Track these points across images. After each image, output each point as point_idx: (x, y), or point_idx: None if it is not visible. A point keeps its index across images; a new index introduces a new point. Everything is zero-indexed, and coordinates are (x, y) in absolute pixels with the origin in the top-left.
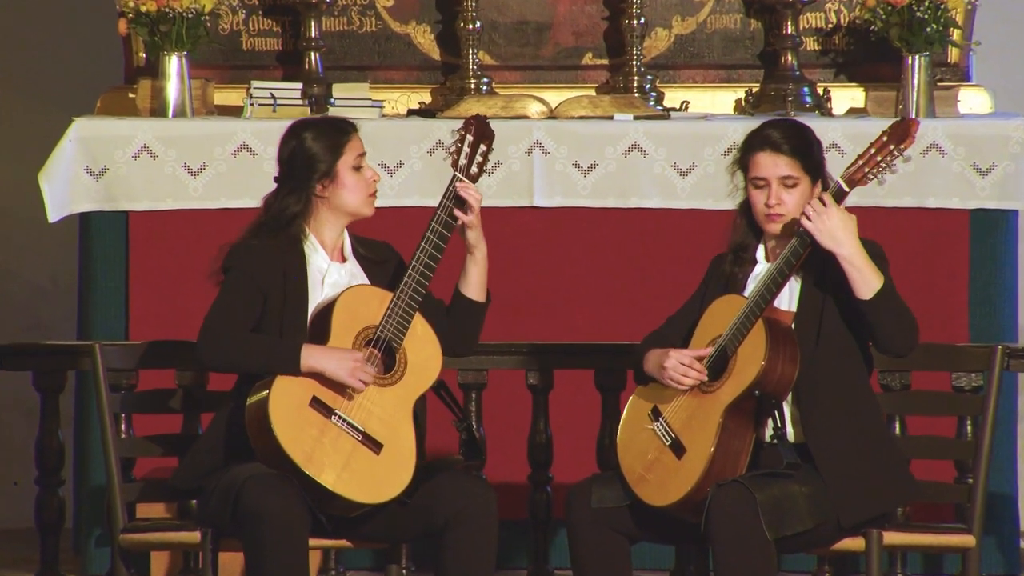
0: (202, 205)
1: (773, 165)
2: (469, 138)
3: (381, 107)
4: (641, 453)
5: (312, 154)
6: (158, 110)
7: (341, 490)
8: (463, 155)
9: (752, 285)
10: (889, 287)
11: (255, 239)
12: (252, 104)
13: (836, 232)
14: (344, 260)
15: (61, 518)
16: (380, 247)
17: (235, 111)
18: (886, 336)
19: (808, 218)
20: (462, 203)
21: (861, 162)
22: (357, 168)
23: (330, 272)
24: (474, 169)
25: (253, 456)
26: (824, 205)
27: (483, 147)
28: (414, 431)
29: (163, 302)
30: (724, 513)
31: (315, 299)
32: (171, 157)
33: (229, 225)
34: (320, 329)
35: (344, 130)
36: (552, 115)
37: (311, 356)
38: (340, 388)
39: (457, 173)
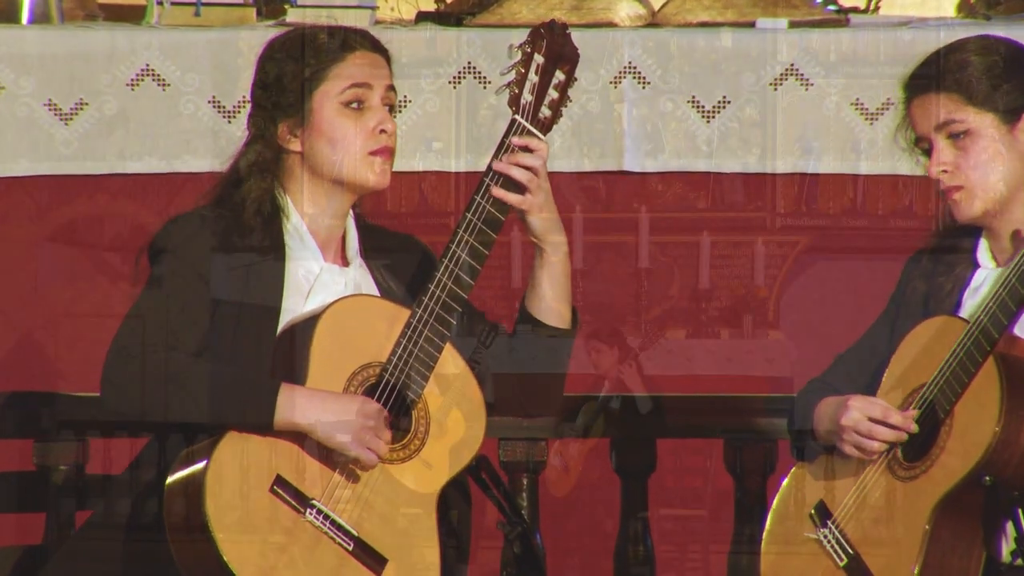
0: (80, 168)
1: (929, 112)
2: (538, 59)
3: (374, 8)
4: None
5: (279, 80)
6: (7, 13)
7: None
8: (528, 87)
9: (971, 302)
10: None
11: (208, 210)
12: (162, 4)
13: None
14: (347, 263)
15: None
16: (401, 241)
17: (134, 14)
18: None
19: None
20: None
21: None
22: (350, 105)
23: (322, 279)
24: (544, 111)
25: (173, 571)
26: None
27: (560, 75)
28: (438, 539)
29: (15, 327)
30: None
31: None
32: (26, 90)
33: (125, 201)
34: (290, 364)
35: (332, 44)
36: (653, 22)
37: (294, 403)
38: (323, 463)
39: (519, 117)
